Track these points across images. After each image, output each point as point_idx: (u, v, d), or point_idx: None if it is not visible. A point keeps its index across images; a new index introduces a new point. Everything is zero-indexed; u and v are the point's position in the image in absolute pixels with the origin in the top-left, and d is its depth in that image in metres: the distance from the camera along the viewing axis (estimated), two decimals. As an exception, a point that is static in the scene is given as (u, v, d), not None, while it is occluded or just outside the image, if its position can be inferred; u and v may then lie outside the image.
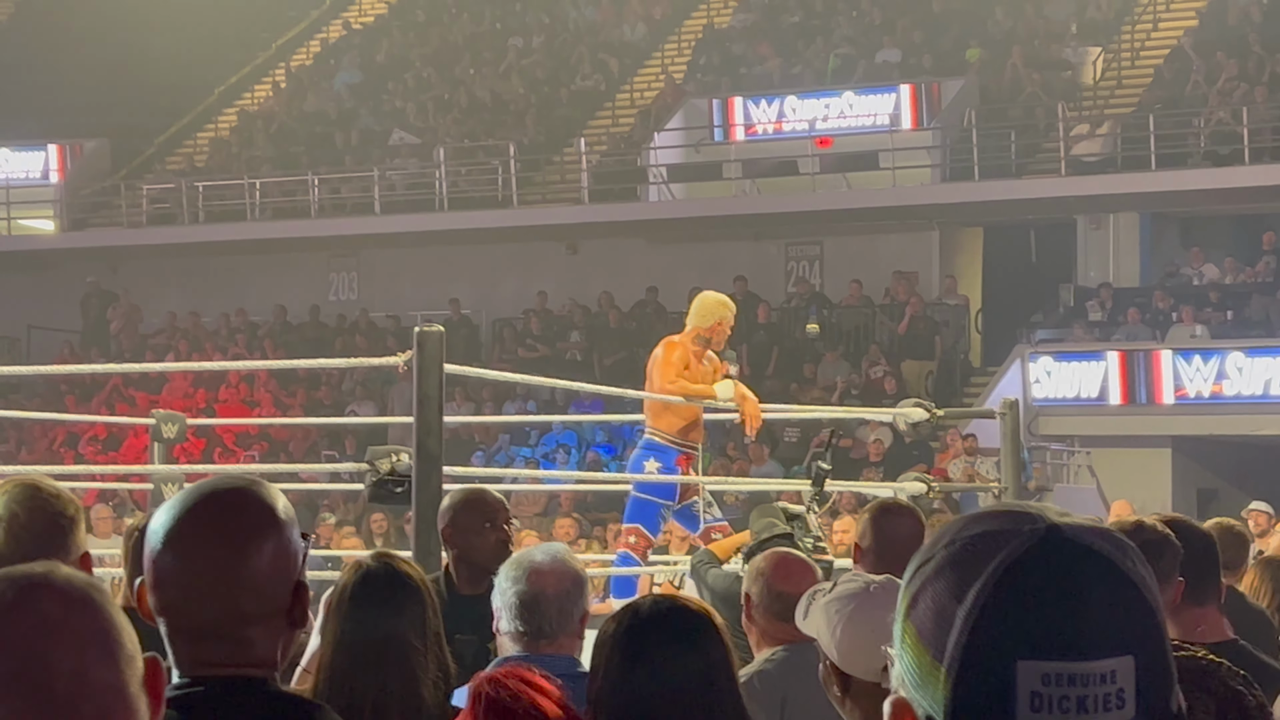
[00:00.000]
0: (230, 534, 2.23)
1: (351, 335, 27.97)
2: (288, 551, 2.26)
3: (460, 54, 33.20)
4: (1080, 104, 27.55)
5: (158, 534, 2.25)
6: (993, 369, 25.33)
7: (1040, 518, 1.47)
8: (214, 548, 2.23)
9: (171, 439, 11.86)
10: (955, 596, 1.45)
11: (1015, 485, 10.97)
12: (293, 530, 2.28)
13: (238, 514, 2.25)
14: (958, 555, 1.46)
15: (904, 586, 1.50)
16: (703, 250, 27.85)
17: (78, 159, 32.86)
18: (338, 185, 30.10)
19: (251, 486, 2.31)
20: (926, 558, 1.49)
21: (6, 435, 27.36)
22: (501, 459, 23.85)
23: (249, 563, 2.22)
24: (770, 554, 4.89)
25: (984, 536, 1.46)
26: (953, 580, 1.45)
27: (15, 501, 3.63)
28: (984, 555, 1.45)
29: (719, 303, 10.45)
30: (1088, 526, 1.47)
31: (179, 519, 2.24)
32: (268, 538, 2.24)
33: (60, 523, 3.64)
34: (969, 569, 1.45)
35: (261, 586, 2.24)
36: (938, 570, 1.47)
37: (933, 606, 1.46)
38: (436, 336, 8.01)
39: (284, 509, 2.28)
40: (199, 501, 2.26)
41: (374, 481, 8.27)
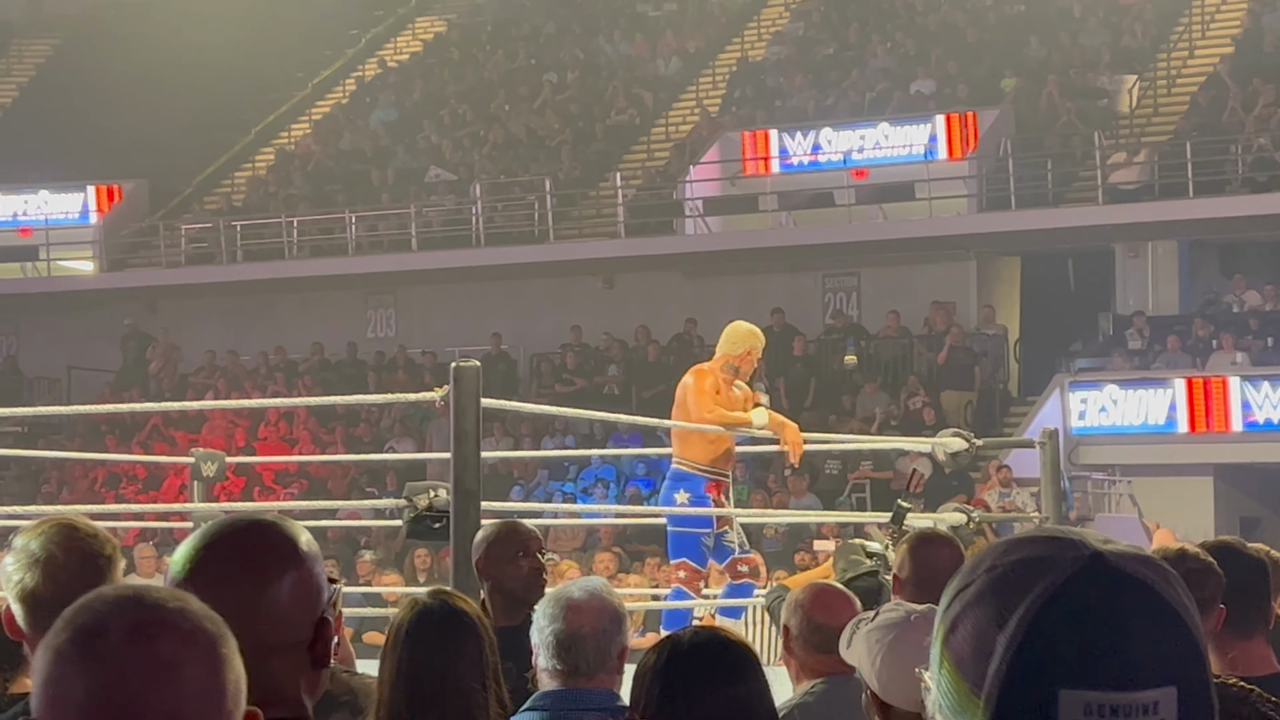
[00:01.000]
0: (250, 563, 2.22)
1: (390, 372, 28.02)
2: (310, 584, 2.24)
3: (495, 90, 33.30)
4: (1117, 132, 27.47)
5: (179, 564, 2.24)
6: (1032, 398, 25.21)
7: (1083, 544, 1.44)
8: (234, 576, 2.21)
9: (211, 477, 11.88)
10: (996, 623, 1.42)
11: (1056, 515, 10.90)
12: (315, 565, 2.26)
13: (258, 545, 2.24)
14: (999, 581, 1.44)
15: (941, 611, 1.47)
16: (739, 283, 27.82)
17: (116, 200, 33.04)
18: (375, 223, 30.19)
19: (273, 520, 2.31)
20: (966, 582, 1.46)
21: (48, 475, 27.47)
22: (540, 494, 23.83)
23: (268, 591, 2.21)
24: (809, 586, 4.86)
25: (1026, 562, 1.44)
26: (994, 606, 1.43)
27: (53, 542, 3.62)
28: (1027, 581, 1.43)
29: (749, 332, 10.48)
30: (1131, 554, 1.45)
31: (200, 550, 2.24)
32: (288, 569, 2.23)
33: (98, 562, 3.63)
34: (1011, 595, 1.42)
35: (281, 616, 2.22)
36: (978, 595, 1.44)
37: (972, 632, 1.43)
38: (473, 372, 8.00)
39: (306, 543, 2.27)
40: (220, 534, 2.26)
41: (412, 518, 8.26)
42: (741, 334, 10.45)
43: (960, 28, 30.41)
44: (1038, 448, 11.26)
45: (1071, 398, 23.91)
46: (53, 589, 3.47)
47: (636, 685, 3.50)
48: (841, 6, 32.42)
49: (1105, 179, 25.90)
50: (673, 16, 34.08)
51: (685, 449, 10.39)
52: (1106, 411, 23.85)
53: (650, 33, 33.59)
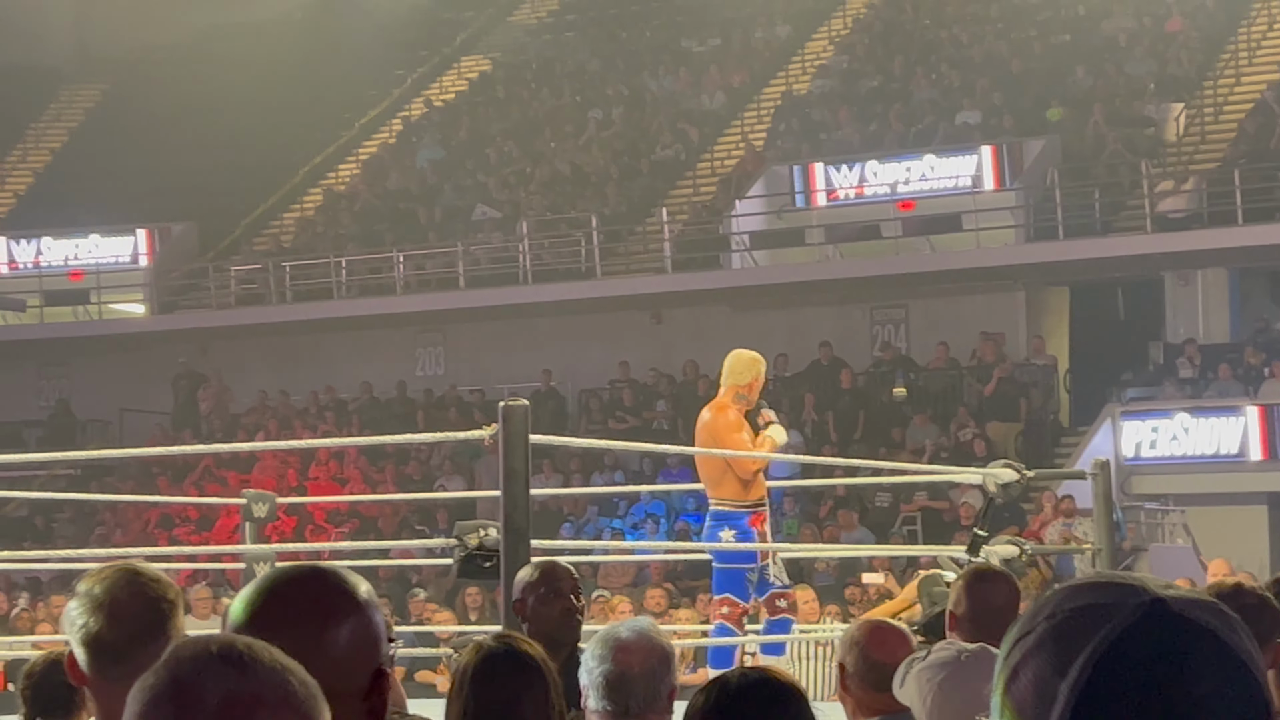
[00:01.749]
0: (309, 610, 2.22)
1: (439, 410, 28.08)
2: (368, 633, 2.23)
3: (540, 128, 33.41)
4: (1164, 160, 27.38)
5: (237, 610, 2.24)
6: (1083, 429, 25.10)
7: (1145, 590, 1.43)
8: (292, 623, 2.21)
9: (262, 518, 11.95)
10: (1058, 671, 1.41)
11: (1109, 546, 10.84)
12: (375, 614, 2.25)
13: (317, 592, 2.24)
14: (1060, 628, 1.43)
15: (1002, 658, 1.46)
16: (787, 316, 27.80)
17: (166, 242, 33.27)
18: (422, 261, 30.30)
19: (332, 568, 2.30)
20: (1027, 629, 1.45)
21: (102, 517, 27.62)
22: (590, 530, 23.82)
23: (325, 638, 2.20)
24: (864, 623, 4.84)
25: (1088, 609, 1.43)
26: (1055, 654, 1.42)
27: (117, 587, 3.64)
28: (1088, 629, 1.41)
29: (752, 359, 10.61)
30: (1193, 599, 1.43)
31: (259, 596, 2.24)
32: (347, 615, 2.22)
33: (162, 607, 3.64)
34: (1072, 643, 1.41)
35: (337, 664, 2.19)
36: (1039, 643, 1.43)
37: (1034, 681, 1.42)
38: (522, 410, 8.01)
39: (366, 592, 2.26)
40: (280, 580, 2.26)
41: (462, 557, 8.27)
42: (745, 362, 10.55)
43: (1005, 58, 30.38)
44: (1089, 479, 11.20)
45: (1129, 427, 23.80)
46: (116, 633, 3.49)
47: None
48: (886, 39, 32.43)
49: (1153, 208, 25.80)
50: (716, 52, 34.15)
51: (721, 489, 10.46)
52: (1164, 441, 23.72)
53: (694, 68, 33.66)
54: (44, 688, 4.47)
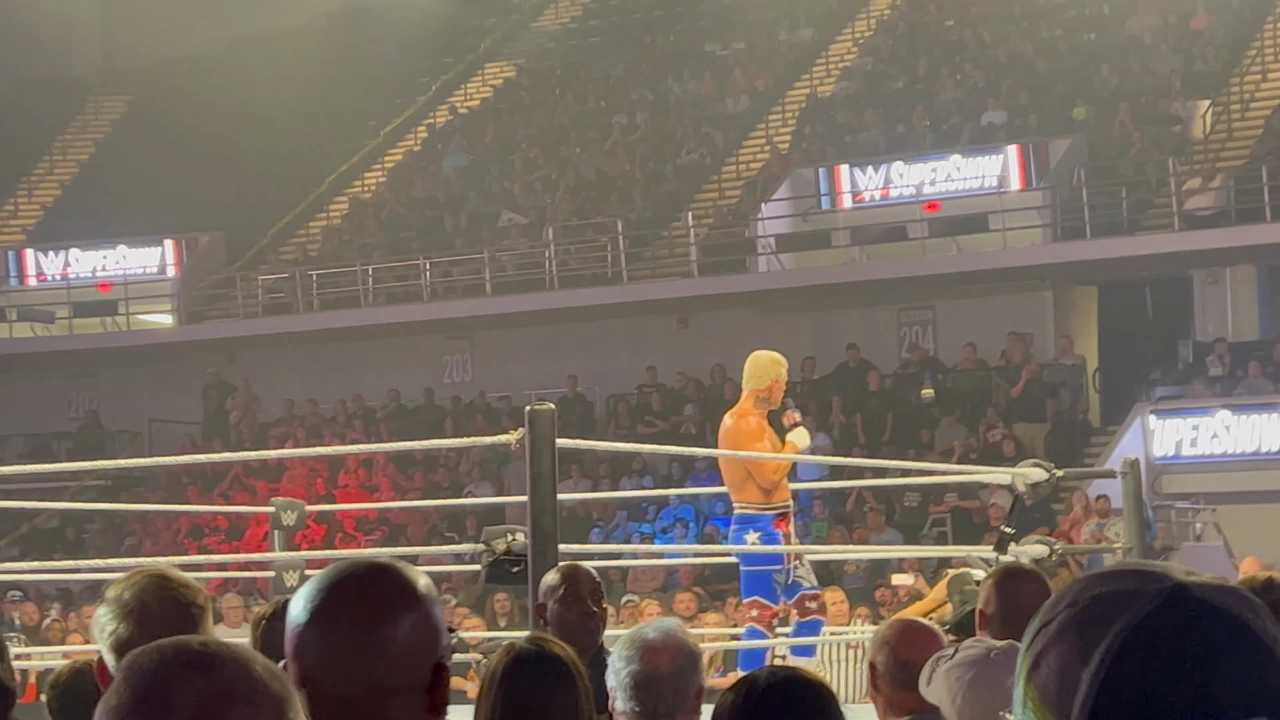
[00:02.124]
0: (369, 605, 2.24)
1: (467, 417, 28.10)
2: (428, 627, 2.25)
3: (565, 133, 33.44)
4: (1191, 158, 27.28)
5: (299, 607, 2.26)
6: (1113, 428, 25.02)
7: (1166, 576, 1.42)
8: (353, 618, 2.23)
9: (291, 526, 11.95)
10: (1081, 658, 1.40)
11: (1139, 545, 10.80)
12: (435, 608, 2.28)
13: (377, 587, 2.25)
14: (1082, 616, 1.42)
15: (1025, 648, 1.45)
16: (814, 319, 27.77)
17: (193, 252, 33.36)
18: (449, 268, 30.33)
19: (392, 563, 2.33)
20: (1049, 618, 1.44)
21: (132, 528, 27.69)
22: (620, 535, 23.82)
23: (386, 633, 2.22)
24: (894, 622, 4.82)
25: (1109, 596, 1.42)
26: (1077, 642, 1.41)
27: (146, 592, 3.65)
28: (1109, 616, 1.41)
29: (771, 360, 10.56)
30: (1215, 585, 1.43)
31: (320, 592, 2.26)
32: (407, 611, 2.24)
33: (191, 612, 3.65)
34: (1094, 630, 1.40)
35: (398, 659, 2.22)
36: (1061, 631, 1.42)
37: (1057, 669, 1.41)
38: (548, 414, 8.00)
39: (425, 586, 2.29)
40: (340, 576, 2.27)
41: (490, 562, 8.27)
42: (764, 364, 10.51)
43: (1030, 58, 30.32)
44: (1119, 478, 11.16)
45: (1159, 425, 23.72)
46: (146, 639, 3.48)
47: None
48: (910, 40, 32.39)
49: (1180, 206, 25.71)
50: (740, 55, 34.14)
51: (745, 493, 10.46)
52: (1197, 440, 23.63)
53: (718, 72, 33.65)
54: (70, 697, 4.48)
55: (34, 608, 21.29)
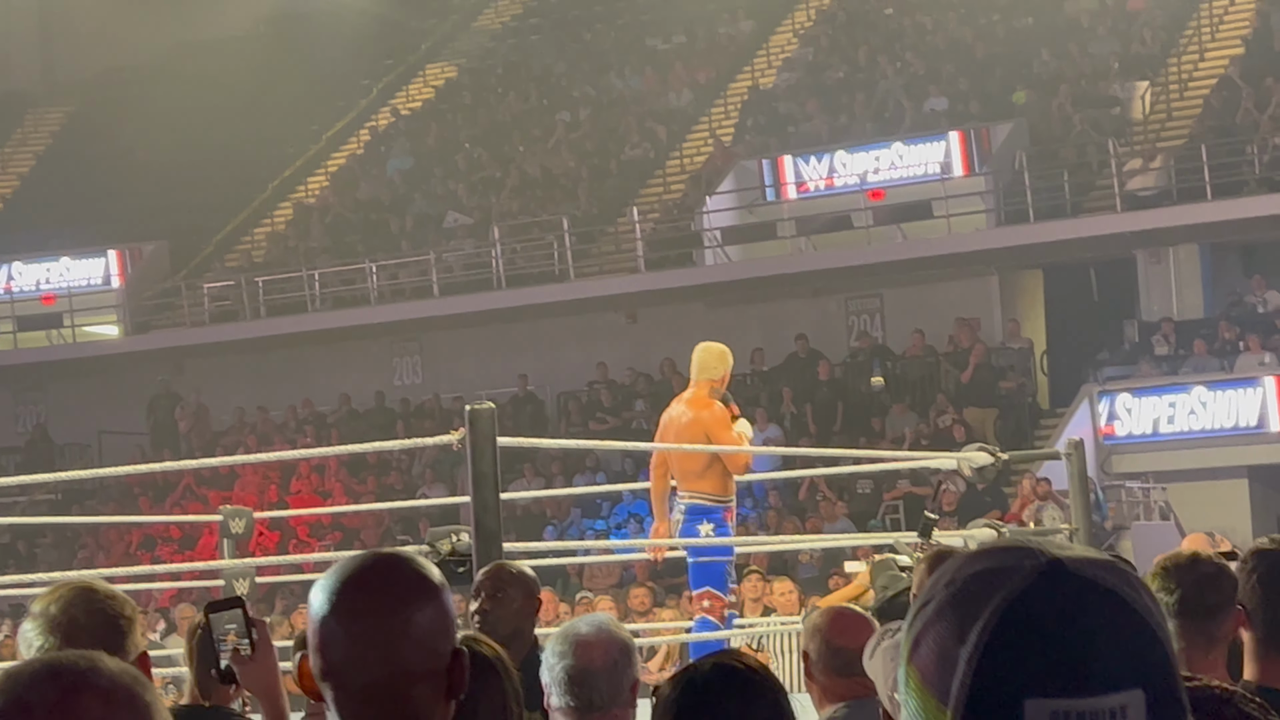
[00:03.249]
0: (393, 592, 2.30)
1: (418, 419, 28.04)
2: (446, 613, 2.32)
3: (509, 132, 33.39)
4: (1131, 139, 27.42)
5: (320, 600, 2.30)
6: (1061, 410, 25.14)
7: (1040, 552, 1.42)
8: (378, 606, 2.29)
9: (240, 534, 11.91)
10: (958, 637, 1.40)
11: (1085, 525, 10.85)
12: (448, 596, 2.35)
13: (398, 575, 2.31)
14: (958, 595, 1.42)
15: (906, 629, 1.46)
16: (762, 310, 27.81)
17: (138, 262, 33.18)
18: (395, 271, 30.26)
19: (405, 554, 2.39)
20: (927, 599, 1.44)
21: (84, 541, 27.54)
22: (574, 532, 23.81)
23: (412, 618, 2.28)
24: (826, 609, 4.84)
25: (984, 574, 1.42)
26: (954, 621, 1.41)
27: (72, 605, 3.62)
28: (985, 593, 1.41)
29: (723, 352, 10.61)
30: (1090, 558, 1.43)
31: (341, 583, 2.30)
32: (428, 597, 2.30)
33: (119, 624, 3.63)
34: (970, 608, 1.41)
35: (424, 641, 2.29)
36: (939, 611, 1.43)
37: (935, 648, 1.41)
38: (488, 414, 7.99)
39: (438, 577, 2.35)
40: (359, 568, 2.33)
41: (435, 563, 8.24)
42: (717, 355, 10.52)
43: (969, 44, 30.41)
44: (1064, 459, 11.21)
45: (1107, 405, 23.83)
46: None
47: (655, 715, 3.46)
48: (850, 30, 32.45)
49: (1122, 187, 25.85)
50: (681, 49, 34.15)
51: (703, 483, 10.38)
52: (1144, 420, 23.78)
53: (660, 66, 33.66)
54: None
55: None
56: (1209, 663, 3.88)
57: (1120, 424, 23.98)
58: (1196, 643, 3.91)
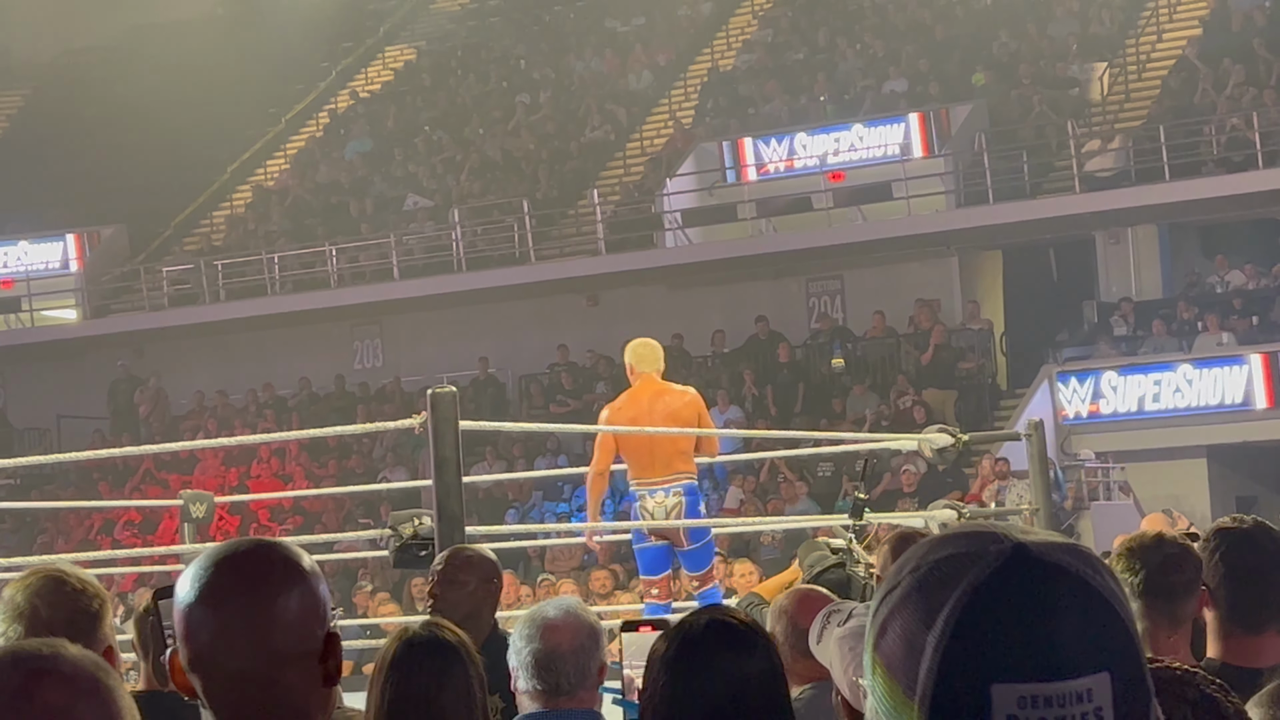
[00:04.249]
0: (259, 578, 2.26)
1: (379, 402, 27.99)
2: (317, 598, 2.28)
3: (469, 114, 33.32)
4: (1090, 120, 27.51)
5: (186, 588, 2.27)
6: (1021, 391, 25.23)
7: (1005, 537, 1.43)
8: (244, 591, 2.25)
9: (201, 518, 11.89)
10: (924, 623, 1.41)
11: (1046, 506, 10.89)
12: (320, 583, 2.31)
13: (264, 562, 2.28)
14: (923, 580, 1.43)
15: (871, 615, 1.46)
16: (723, 292, 27.83)
17: (96, 246, 33.02)
18: (355, 254, 30.19)
19: (275, 540, 2.36)
20: (892, 585, 1.45)
21: (43, 525, 27.42)
22: (536, 515, 23.81)
23: (279, 602, 2.25)
24: (793, 591, 4.85)
25: (949, 560, 1.43)
26: (920, 607, 1.41)
27: (37, 595, 3.58)
28: (950, 579, 1.41)
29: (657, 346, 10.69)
30: (1055, 543, 1.44)
31: (207, 571, 2.27)
32: (296, 582, 2.27)
33: (87, 614, 3.58)
34: (936, 594, 1.41)
35: (294, 625, 2.25)
36: (904, 597, 1.43)
37: (901, 635, 1.42)
38: (449, 397, 7.98)
39: (309, 563, 2.31)
40: (225, 556, 2.29)
41: (398, 546, 8.25)
42: (657, 349, 10.62)
43: (928, 25, 30.46)
44: (1024, 440, 11.25)
45: (1066, 386, 23.91)
46: None
47: (648, 672, 3.42)
48: (809, 11, 32.46)
49: (1081, 168, 25.94)
50: (641, 31, 34.12)
51: (689, 464, 10.40)
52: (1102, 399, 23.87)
53: (620, 48, 33.62)
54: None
55: (-55, 610, 21.06)
56: (1172, 643, 3.90)
57: (1078, 404, 24.07)
58: (1160, 623, 3.93)
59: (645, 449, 10.38)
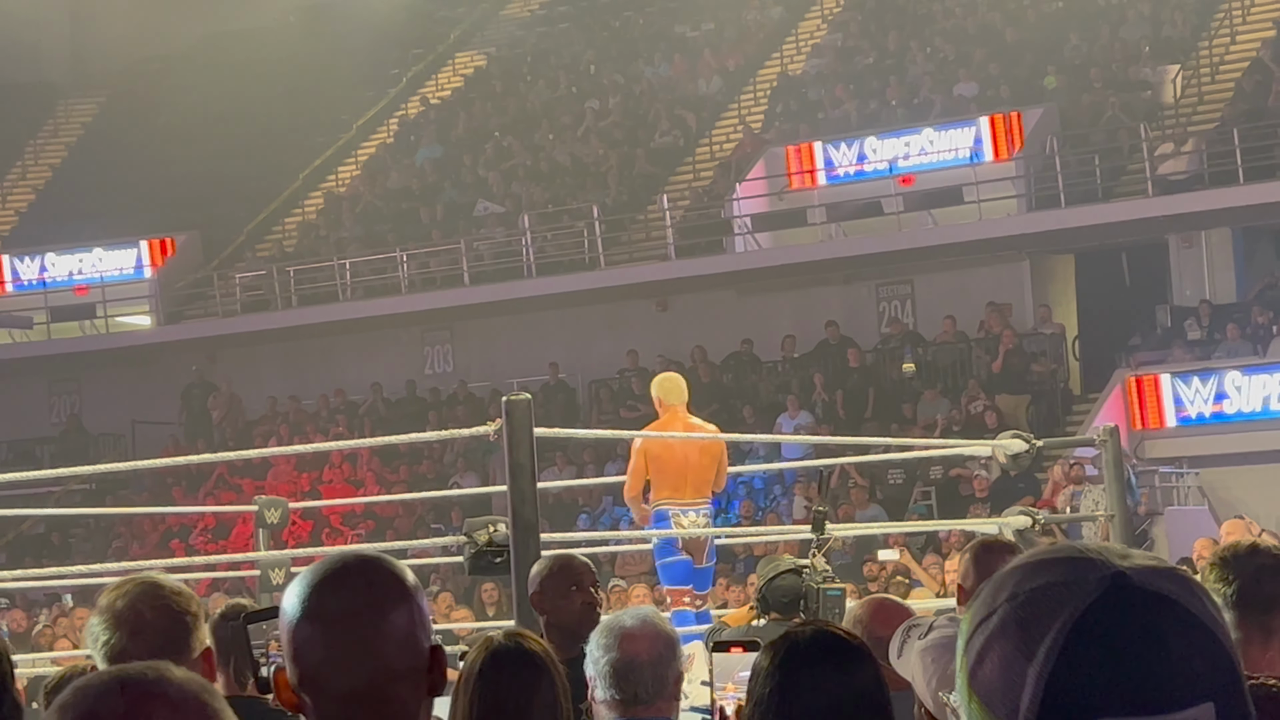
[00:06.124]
0: (368, 594, 2.26)
1: (449, 407, 28.08)
2: (422, 612, 2.29)
3: (538, 120, 33.38)
4: (1163, 123, 27.31)
5: (293, 607, 2.26)
6: (1094, 395, 25.07)
7: (1104, 563, 1.41)
8: (353, 608, 2.25)
9: (275, 524, 11.95)
10: (1024, 655, 1.39)
11: (1121, 512, 10.82)
12: (422, 597, 2.32)
13: (372, 577, 2.28)
14: (1022, 610, 1.41)
15: (964, 642, 1.45)
16: (793, 297, 27.78)
17: (170, 253, 33.27)
18: (426, 260, 30.29)
19: (377, 555, 2.36)
20: (988, 612, 1.43)
21: (118, 531, 27.66)
22: (607, 520, 23.82)
23: (389, 618, 2.25)
24: (868, 600, 4.84)
25: (1048, 589, 1.41)
26: (1019, 637, 1.40)
27: (139, 600, 3.61)
28: (1051, 609, 1.40)
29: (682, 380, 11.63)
30: (1154, 569, 1.42)
31: (313, 588, 2.27)
32: (403, 598, 2.28)
33: (185, 620, 3.62)
34: (1036, 624, 1.39)
35: (404, 640, 2.26)
36: (1002, 627, 1.41)
37: (1000, 665, 1.40)
38: (524, 404, 8.00)
39: (412, 578, 2.33)
40: (330, 571, 2.29)
41: (473, 553, 8.26)
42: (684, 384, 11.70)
43: (999, 28, 30.31)
44: (1098, 445, 11.17)
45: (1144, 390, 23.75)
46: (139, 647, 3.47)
47: (752, 683, 3.41)
48: (879, 15, 32.36)
49: (1154, 171, 25.75)
50: (710, 36, 34.10)
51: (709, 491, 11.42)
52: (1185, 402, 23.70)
53: (689, 53, 33.61)
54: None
55: (22, 614, 21.25)
56: (1267, 658, 3.83)
57: (1152, 409, 23.89)
58: (1254, 636, 3.85)
59: (680, 473, 11.13)
